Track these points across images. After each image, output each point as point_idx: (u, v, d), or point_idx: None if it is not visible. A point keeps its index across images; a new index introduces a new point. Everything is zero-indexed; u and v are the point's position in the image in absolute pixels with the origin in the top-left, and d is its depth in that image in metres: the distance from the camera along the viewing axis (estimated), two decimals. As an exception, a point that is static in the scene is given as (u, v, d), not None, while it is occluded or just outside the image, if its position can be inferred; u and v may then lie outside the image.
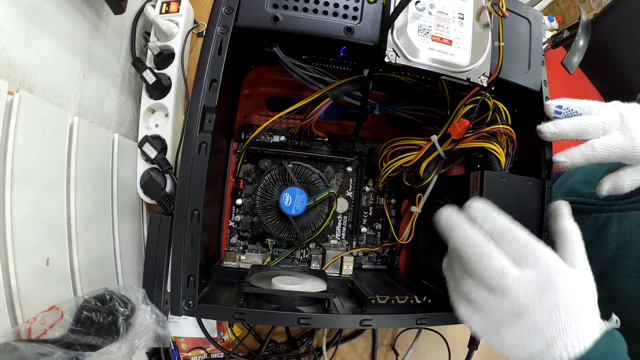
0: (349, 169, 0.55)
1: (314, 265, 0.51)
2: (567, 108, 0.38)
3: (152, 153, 0.52)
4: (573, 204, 0.46)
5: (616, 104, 0.38)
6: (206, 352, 0.58)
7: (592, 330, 0.27)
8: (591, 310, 0.29)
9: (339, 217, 0.55)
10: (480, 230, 0.31)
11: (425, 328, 0.59)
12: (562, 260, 0.30)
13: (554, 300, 0.27)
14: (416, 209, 0.50)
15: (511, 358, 0.30)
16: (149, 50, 0.56)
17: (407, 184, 0.50)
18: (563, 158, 0.38)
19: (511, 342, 0.29)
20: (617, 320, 0.29)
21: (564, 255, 0.31)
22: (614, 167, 0.39)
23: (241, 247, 0.53)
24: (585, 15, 0.52)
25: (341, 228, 0.56)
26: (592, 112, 0.38)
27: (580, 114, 0.38)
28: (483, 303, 0.30)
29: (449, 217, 0.33)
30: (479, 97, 0.40)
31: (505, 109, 0.43)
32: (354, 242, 0.56)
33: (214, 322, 0.58)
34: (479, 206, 0.32)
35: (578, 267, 0.30)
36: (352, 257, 0.50)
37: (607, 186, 0.39)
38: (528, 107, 0.44)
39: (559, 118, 0.38)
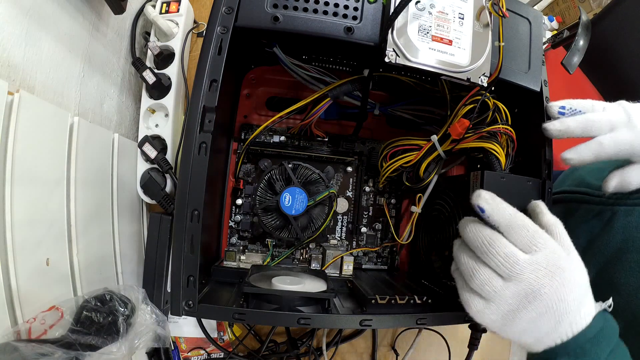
0: (349, 169, 0.55)
1: (314, 265, 0.51)
2: (571, 108, 0.38)
3: (152, 153, 0.52)
4: (581, 194, 0.45)
5: (621, 103, 0.38)
6: (206, 352, 0.58)
7: (590, 309, 0.30)
8: (588, 291, 0.31)
9: (339, 217, 0.55)
10: (487, 224, 0.33)
11: (425, 328, 0.59)
12: None
13: (561, 281, 0.29)
14: (416, 209, 0.50)
15: (520, 343, 0.32)
16: (149, 50, 0.56)
17: (407, 184, 0.50)
18: (571, 155, 0.38)
19: (523, 328, 0.31)
20: (610, 305, 0.32)
21: None
22: (622, 162, 0.39)
23: (241, 247, 0.53)
24: (585, 15, 0.52)
25: (341, 228, 0.56)
26: (596, 110, 0.38)
27: (585, 113, 0.38)
28: (497, 293, 0.31)
29: (465, 220, 0.35)
30: (479, 97, 0.40)
31: (506, 109, 0.43)
32: (354, 242, 0.56)
33: (213, 322, 0.58)
34: (486, 197, 0.33)
35: (571, 253, 0.32)
36: (352, 257, 0.50)
37: (614, 183, 0.39)
38: (528, 107, 0.44)
39: None
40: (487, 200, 0.33)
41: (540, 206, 0.35)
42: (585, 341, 0.29)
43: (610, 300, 0.32)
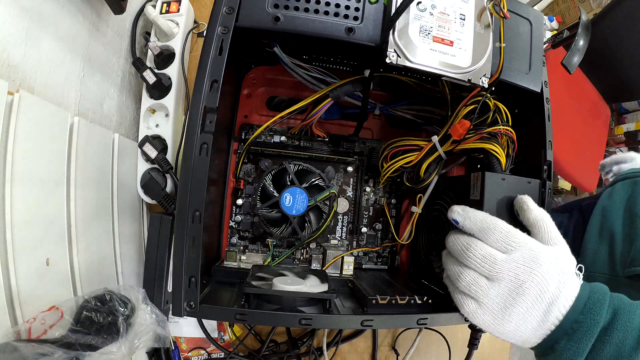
0: (350, 169, 0.55)
1: (315, 265, 0.51)
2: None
3: (153, 153, 0.52)
4: None
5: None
6: (207, 352, 0.58)
7: (574, 288, 0.32)
8: (572, 276, 0.33)
9: (340, 217, 0.55)
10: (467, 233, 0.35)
11: (425, 328, 0.59)
12: (542, 243, 0.34)
13: (541, 275, 0.31)
14: (417, 210, 0.50)
15: (519, 342, 0.33)
16: (149, 50, 0.56)
17: (407, 184, 0.50)
18: None
19: (516, 325, 0.32)
20: (580, 267, 0.34)
21: (543, 239, 0.34)
22: None
23: (242, 247, 0.53)
24: (585, 15, 0.52)
25: (341, 228, 0.56)
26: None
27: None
28: (484, 293, 0.33)
29: (449, 233, 0.37)
30: (480, 98, 0.40)
31: (506, 110, 0.43)
32: (355, 242, 0.56)
33: (214, 322, 0.58)
34: (458, 209, 0.36)
35: (556, 244, 0.34)
36: (353, 257, 0.50)
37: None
38: (529, 107, 0.45)
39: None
40: (458, 212, 0.36)
41: (527, 202, 0.36)
42: (578, 314, 0.30)
43: (578, 265, 0.34)
